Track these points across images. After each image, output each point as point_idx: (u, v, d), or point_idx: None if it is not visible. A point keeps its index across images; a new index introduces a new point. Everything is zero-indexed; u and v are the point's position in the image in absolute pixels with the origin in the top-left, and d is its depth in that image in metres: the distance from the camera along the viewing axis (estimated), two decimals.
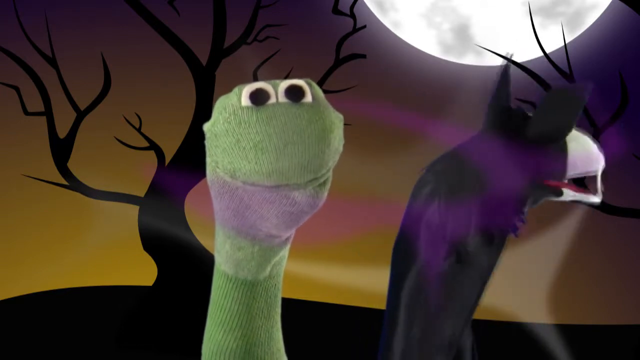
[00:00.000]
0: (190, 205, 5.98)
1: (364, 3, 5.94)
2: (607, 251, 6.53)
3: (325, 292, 6.36)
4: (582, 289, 6.46)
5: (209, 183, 0.93)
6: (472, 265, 1.30)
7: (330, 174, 0.92)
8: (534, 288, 6.47)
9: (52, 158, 6.01)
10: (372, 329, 1.57)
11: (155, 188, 6.01)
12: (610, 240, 6.49)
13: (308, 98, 0.87)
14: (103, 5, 6.21)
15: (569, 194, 1.34)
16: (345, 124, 0.95)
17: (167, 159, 6.07)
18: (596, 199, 1.35)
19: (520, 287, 6.33)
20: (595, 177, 1.36)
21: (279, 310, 1.07)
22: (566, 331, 6.50)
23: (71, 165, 6.04)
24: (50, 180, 5.99)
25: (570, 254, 6.61)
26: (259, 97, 0.86)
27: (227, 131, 0.87)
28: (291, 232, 1.01)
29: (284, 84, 0.88)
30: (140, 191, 6.01)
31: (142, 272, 6.05)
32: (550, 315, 6.57)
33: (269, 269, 1.02)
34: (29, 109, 5.99)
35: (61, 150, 6.02)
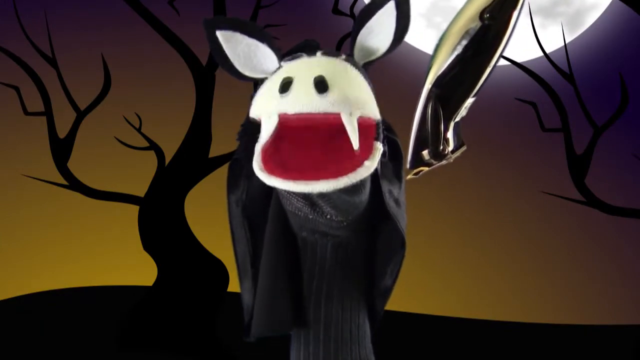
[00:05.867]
0: (190, 205, 5.98)
1: (364, 3, 5.94)
2: (607, 251, 6.53)
3: None
4: (582, 289, 6.46)
5: None
6: None
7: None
8: (534, 288, 6.47)
9: (52, 158, 6.01)
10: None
11: (155, 188, 6.01)
12: (610, 240, 6.50)
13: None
14: (103, 6, 6.21)
15: None
16: None
17: (167, 159, 6.06)
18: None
19: (521, 286, 6.33)
20: None
21: None
22: (566, 331, 6.50)
23: (71, 165, 6.04)
24: (50, 180, 5.99)
25: (571, 253, 6.61)
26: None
27: None
28: None
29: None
30: (140, 191, 6.01)
31: (142, 272, 6.05)
32: (551, 315, 6.57)
33: None
34: (29, 109, 5.99)
35: (61, 150, 6.02)
